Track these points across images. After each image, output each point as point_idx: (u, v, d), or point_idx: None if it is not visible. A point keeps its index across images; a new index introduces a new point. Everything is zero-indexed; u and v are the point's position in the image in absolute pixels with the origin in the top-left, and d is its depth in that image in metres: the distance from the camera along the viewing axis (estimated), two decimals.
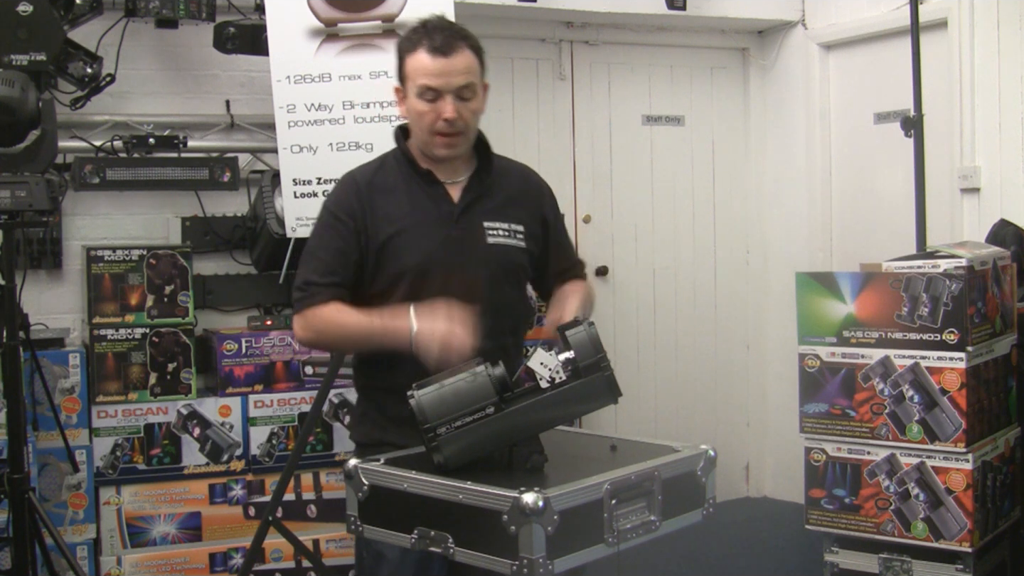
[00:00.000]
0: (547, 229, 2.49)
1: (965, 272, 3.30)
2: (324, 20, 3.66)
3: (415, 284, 2.30)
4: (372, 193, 2.34)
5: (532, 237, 2.43)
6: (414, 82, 2.28)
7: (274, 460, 3.94)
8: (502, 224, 2.38)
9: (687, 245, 5.52)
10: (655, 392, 5.41)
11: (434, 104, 2.27)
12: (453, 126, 2.28)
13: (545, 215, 2.49)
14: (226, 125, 4.30)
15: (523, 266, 2.43)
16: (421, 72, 2.26)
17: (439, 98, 2.26)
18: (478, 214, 2.37)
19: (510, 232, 2.39)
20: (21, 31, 3.52)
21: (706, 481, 2.05)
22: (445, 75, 2.25)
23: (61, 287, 4.09)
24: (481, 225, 2.36)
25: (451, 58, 2.26)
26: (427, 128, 2.29)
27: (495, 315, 2.34)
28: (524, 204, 2.45)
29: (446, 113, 2.26)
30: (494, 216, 2.38)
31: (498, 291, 2.36)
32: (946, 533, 3.31)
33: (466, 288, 2.28)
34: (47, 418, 3.64)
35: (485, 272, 2.34)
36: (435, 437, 1.92)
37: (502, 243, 2.37)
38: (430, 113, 2.28)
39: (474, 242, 2.35)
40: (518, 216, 2.42)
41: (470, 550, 1.81)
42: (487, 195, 2.40)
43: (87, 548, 3.75)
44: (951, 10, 4.48)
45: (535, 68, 5.16)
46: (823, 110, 5.25)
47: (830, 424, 3.52)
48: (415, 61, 2.28)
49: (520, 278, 2.45)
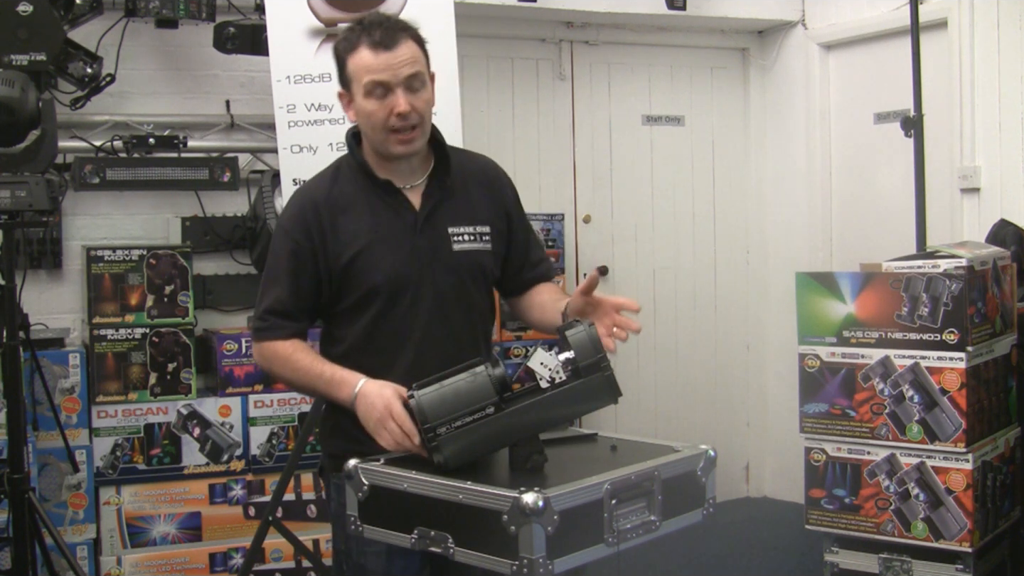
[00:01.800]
0: (510, 224, 2.40)
1: (965, 272, 3.29)
2: (324, 20, 3.66)
3: (384, 301, 2.25)
4: (332, 212, 2.25)
5: (498, 237, 2.36)
6: (359, 82, 2.18)
7: (274, 460, 3.94)
8: (467, 228, 2.31)
9: (687, 245, 5.52)
10: (655, 392, 5.41)
11: (383, 100, 2.17)
12: (407, 119, 2.17)
13: (508, 210, 2.40)
14: (226, 125, 4.30)
15: (490, 269, 2.36)
16: (365, 69, 2.17)
17: (388, 93, 2.17)
18: (442, 220, 2.29)
19: (475, 235, 2.32)
20: (21, 31, 3.52)
21: (706, 481, 2.05)
22: (391, 68, 2.16)
23: (61, 287, 4.09)
24: (446, 232, 2.28)
25: (394, 50, 2.16)
26: (380, 127, 2.19)
27: (467, 322, 2.31)
28: (487, 202, 2.36)
29: (399, 107, 2.16)
30: (458, 220, 2.30)
31: (467, 298, 2.31)
32: (946, 533, 3.31)
33: (433, 300, 2.25)
34: (47, 418, 3.64)
35: (453, 280, 2.28)
36: (435, 437, 1.91)
37: (468, 248, 2.30)
38: (381, 110, 2.17)
39: (440, 251, 2.27)
40: (482, 216, 2.34)
41: (470, 550, 1.81)
42: (448, 197, 2.31)
43: (87, 548, 3.75)
44: (951, 10, 4.47)
45: (535, 68, 5.16)
46: (823, 110, 5.25)
47: (830, 424, 3.52)
48: (357, 59, 2.18)
49: (488, 281, 2.38)
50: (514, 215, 2.41)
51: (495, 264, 2.37)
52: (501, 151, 4.95)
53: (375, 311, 2.24)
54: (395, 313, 2.24)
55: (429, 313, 2.25)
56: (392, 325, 2.25)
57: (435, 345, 2.25)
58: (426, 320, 2.25)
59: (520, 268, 2.43)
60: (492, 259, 2.35)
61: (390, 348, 2.24)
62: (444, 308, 2.25)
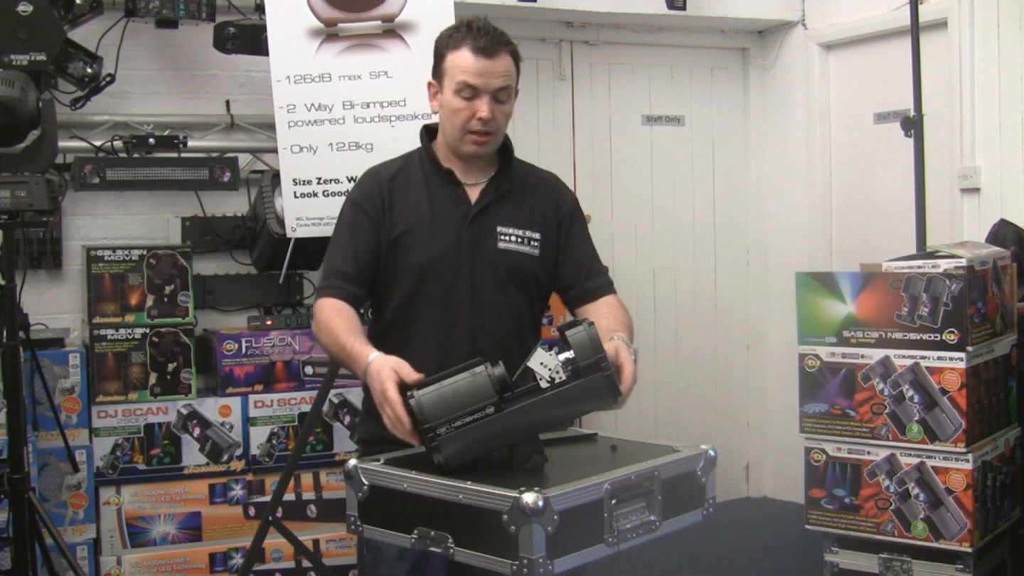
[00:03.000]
0: (563, 233, 2.47)
1: (965, 272, 3.29)
2: (324, 20, 3.66)
3: (419, 281, 2.33)
4: (393, 189, 2.39)
5: (548, 245, 2.44)
6: (453, 78, 2.31)
7: (274, 460, 3.94)
8: (516, 230, 2.40)
9: (687, 245, 5.52)
10: (655, 392, 5.41)
11: (470, 102, 2.31)
12: (487, 126, 2.32)
13: (560, 218, 2.48)
14: (226, 125, 4.30)
15: (534, 274, 2.42)
16: (462, 69, 2.29)
17: (476, 97, 2.30)
18: (493, 218, 2.39)
19: (524, 239, 2.40)
20: (21, 31, 3.52)
21: (706, 481, 2.05)
22: (486, 75, 2.29)
23: (61, 287, 4.09)
24: (494, 229, 2.38)
25: (494, 60, 2.29)
26: (460, 125, 2.33)
27: (498, 319, 2.36)
28: (542, 209, 2.46)
29: (481, 112, 2.30)
30: (509, 222, 2.40)
31: (503, 296, 2.37)
32: (946, 533, 3.31)
33: (469, 290, 2.30)
34: (47, 418, 3.64)
35: (491, 276, 2.36)
36: (435, 437, 1.92)
37: (513, 249, 2.39)
38: (465, 111, 2.31)
39: (484, 245, 2.37)
40: (535, 223, 2.43)
41: (470, 550, 1.81)
42: (505, 199, 2.41)
43: (87, 548, 3.75)
44: (951, 10, 4.47)
45: (535, 68, 5.16)
46: (823, 110, 5.25)
47: (830, 424, 3.52)
48: (457, 58, 2.30)
49: (530, 286, 2.44)
50: (569, 224, 2.49)
51: (542, 271, 2.43)
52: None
53: (412, 289, 2.34)
54: (427, 296, 2.32)
55: (461, 303, 2.32)
56: (423, 307, 2.32)
57: (462, 336, 2.33)
58: (458, 310, 2.32)
59: (575, 278, 2.49)
60: (538, 265, 2.41)
61: (418, 331, 2.33)
62: (478, 302, 2.33)
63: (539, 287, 2.47)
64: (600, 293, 2.50)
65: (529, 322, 2.48)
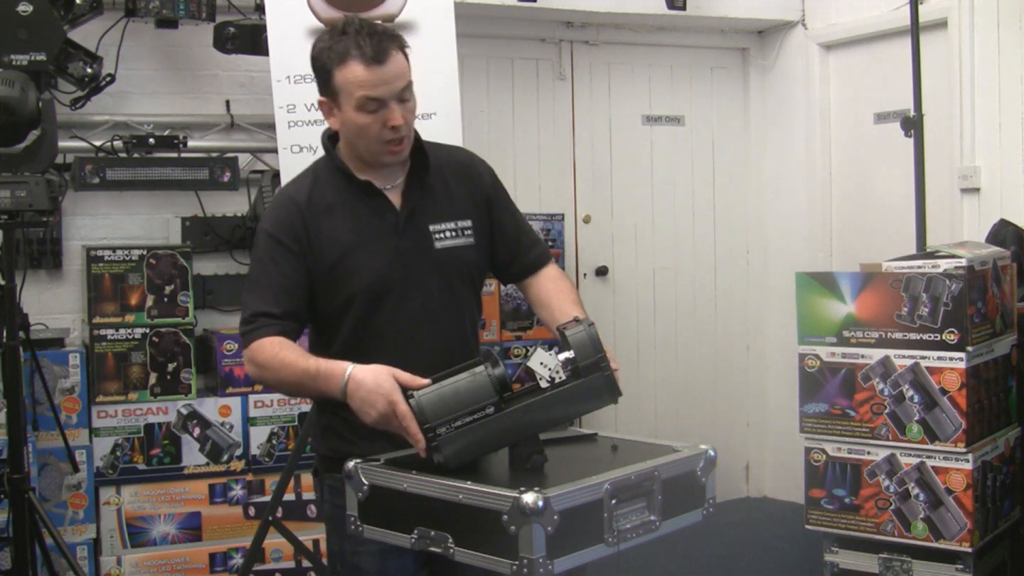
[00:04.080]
0: (491, 210, 2.36)
1: (965, 272, 3.29)
2: (324, 20, 3.66)
3: (369, 305, 2.22)
4: (314, 214, 2.21)
5: (480, 228, 2.32)
6: (350, 95, 2.13)
7: (274, 460, 3.94)
8: (448, 224, 2.28)
9: (687, 245, 5.52)
10: (655, 392, 5.41)
11: (377, 114, 2.14)
12: (400, 131, 2.17)
13: (488, 196, 2.36)
14: (226, 125, 4.30)
15: (475, 263, 2.33)
16: (358, 85, 2.12)
17: (382, 107, 2.14)
18: (423, 219, 2.27)
19: (457, 231, 2.29)
20: (21, 31, 3.52)
21: (706, 481, 2.05)
22: (385, 83, 2.12)
23: (61, 287, 4.09)
24: (427, 230, 2.26)
25: (387, 64, 2.12)
26: (373, 138, 2.17)
27: (454, 320, 2.29)
28: (466, 193, 2.33)
29: (393, 120, 2.14)
30: (439, 217, 2.28)
31: (454, 296, 2.29)
32: (946, 533, 3.31)
33: (420, 300, 2.23)
34: (47, 418, 3.64)
35: (438, 280, 2.26)
36: (435, 437, 1.91)
37: (451, 245, 2.28)
38: (375, 124, 2.15)
39: (423, 251, 2.25)
40: (463, 210, 2.31)
41: (470, 550, 1.81)
42: (429, 195, 2.29)
43: (87, 548, 3.75)
44: (951, 10, 4.47)
45: (535, 68, 5.16)
46: (823, 110, 5.25)
47: (830, 424, 3.52)
48: (348, 73, 2.12)
49: (474, 276, 2.35)
50: (494, 200, 2.36)
51: (481, 257, 2.35)
52: (501, 151, 4.96)
53: (360, 314, 2.21)
54: (381, 316, 2.21)
55: (416, 314, 2.23)
56: (378, 328, 2.22)
57: (424, 345, 2.23)
58: (414, 321, 2.23)
59: (514, 254, 2.39)
60: (476, 252, 2.32)
61: (378, 351, 2.16)
62: (431, 308, 2.24)
63: (481, 275, 2.38)
64: (540, 264, 2.41)
65: (478, 314, 2.39)
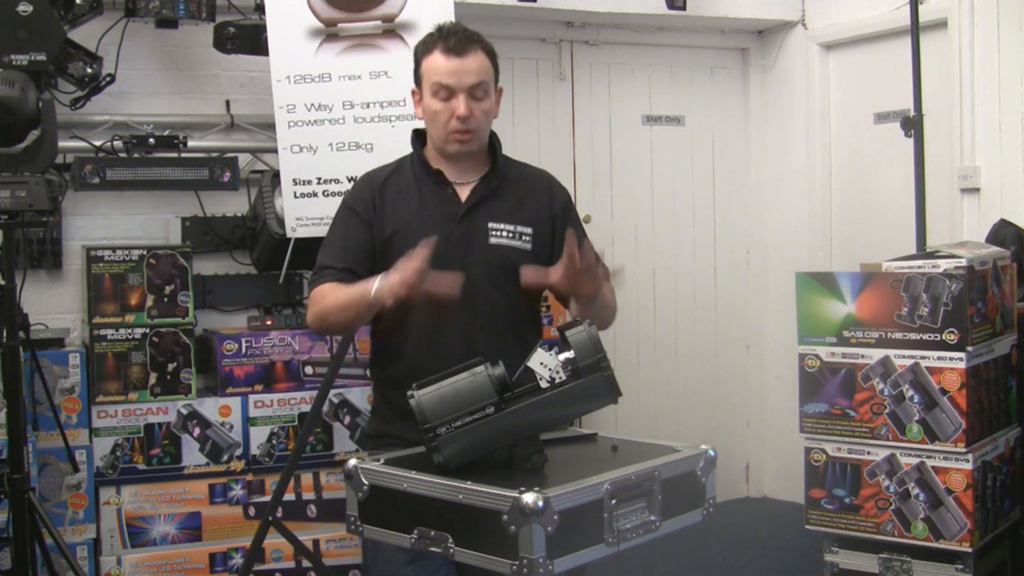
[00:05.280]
0: (553, 225, 2.50)
1: (965, 272, 3.29)
2: (324, 20, 3.66)
3: None
4: (385, 191, 2.45)
5: (541, 241, 2.47)
6: (429, 81, 2.38)
7: (274, 460, 3.94)
8: (508, 226, 2.43)
9: (687, 245, 5.52)
10: (655, 392, 5.41)
11: (447, 103, 2.37)
12: (466, 123, 2.37)
13: (554, 214, 2.52)
14: (226, 125, 4.30)
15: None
16: (435, 72, 2.37)
17: (452, 96, 2.36)
18: (483, 215, 2.42)
19: (515, 234, 2.44)
20: (21, 31, 3.52)
21: (706, 481, 2.05)
22: (458, 74, 2.35)
23: (61, 287, 4.09)
24: (485, 225, 2.42)
25: (464, 58, 2.36)
26: (442, 126, 2.39)
27: (493, 314, 2.38)
28: (535, 207, 2.49)
29: (459, 110, 2.35)
30: (501, 218, 2.43)
31: (497, 290, 2.39)
32: (946, 533, 3.31)
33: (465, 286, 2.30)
34: (47, 418, 3.64)
35: (483, 271, 2.38)
36: (435, 437, 1.92)
37: (504, 244, 2.42)
38: (444, 111, 2.37)
39: (476, 242, 2.40)
40: (527, 219, 2.46)
41: (470, 550, 1.81)
42: (496, 196, 2.45)
43: (87, 548, 3.75)
44: (951, 10, 4.47)
45: (535, 68, 5.16)
46: (823, 110, 5.25)
47: (830, 424, 3.52)
48: (430, 62, 2.38)
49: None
50: (561, 220, 2.52)
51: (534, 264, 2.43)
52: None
53: None
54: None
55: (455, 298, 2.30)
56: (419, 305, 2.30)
57: (455, 329, 2.35)
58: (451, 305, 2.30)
59: None
60: (531, 259, 2.42)
61: (413, 326, 2.36)
62: (471, 297, 2.33)
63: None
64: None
65: (527, 317, 2.50)
